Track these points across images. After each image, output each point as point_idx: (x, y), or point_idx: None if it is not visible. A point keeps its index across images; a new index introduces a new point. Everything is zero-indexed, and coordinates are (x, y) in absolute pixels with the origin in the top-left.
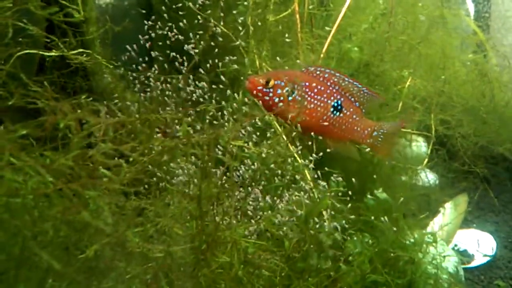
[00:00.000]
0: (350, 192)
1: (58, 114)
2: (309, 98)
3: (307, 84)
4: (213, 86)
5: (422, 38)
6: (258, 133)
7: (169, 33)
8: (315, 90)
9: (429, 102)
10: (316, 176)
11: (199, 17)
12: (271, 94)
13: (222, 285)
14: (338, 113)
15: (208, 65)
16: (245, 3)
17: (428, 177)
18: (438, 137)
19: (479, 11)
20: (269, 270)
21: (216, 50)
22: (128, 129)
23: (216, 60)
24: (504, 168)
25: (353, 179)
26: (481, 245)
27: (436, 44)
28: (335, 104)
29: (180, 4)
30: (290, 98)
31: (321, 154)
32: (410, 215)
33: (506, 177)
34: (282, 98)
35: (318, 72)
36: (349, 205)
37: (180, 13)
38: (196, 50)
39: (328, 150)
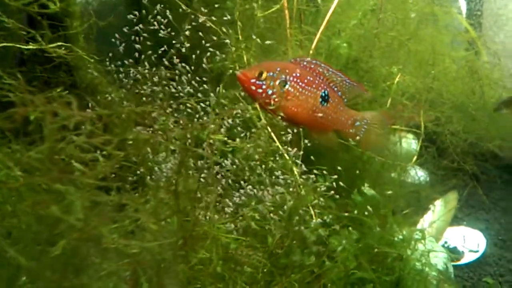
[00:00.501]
0: (338, 188)
1: (30, 107)
2: (300, 89)
3: (298, 75)
4: (198, 79)
5: (411, 35)
6: (242, 127)
7: (155, 27)
8: (305, 81)
9: (418, 99)
10: (303, 171)
11: (185, 11)
12: (264, 86)
13: (202, 281)
14: (325, 103)
15: (193, 57)
16: None
17: (418, 174)
18: (428, 134)
19: (471, 9)
20: (252, 266)
21: (204, 45)
22: (106, 122)
23: (206, 54)
24: (493, 165)
25: (342, 174)
26: (470, 242)
27: (426, 41)
28: (323, 94)
29: None
30: (282, 90)
31: (308, 146)
32: (400, 212)
33: (496, 174)
34: (275, 90)
35: (305, 63)
36: (337, 201)
37: (161, 6)
38: (187, 45)
39: (309, 142)
